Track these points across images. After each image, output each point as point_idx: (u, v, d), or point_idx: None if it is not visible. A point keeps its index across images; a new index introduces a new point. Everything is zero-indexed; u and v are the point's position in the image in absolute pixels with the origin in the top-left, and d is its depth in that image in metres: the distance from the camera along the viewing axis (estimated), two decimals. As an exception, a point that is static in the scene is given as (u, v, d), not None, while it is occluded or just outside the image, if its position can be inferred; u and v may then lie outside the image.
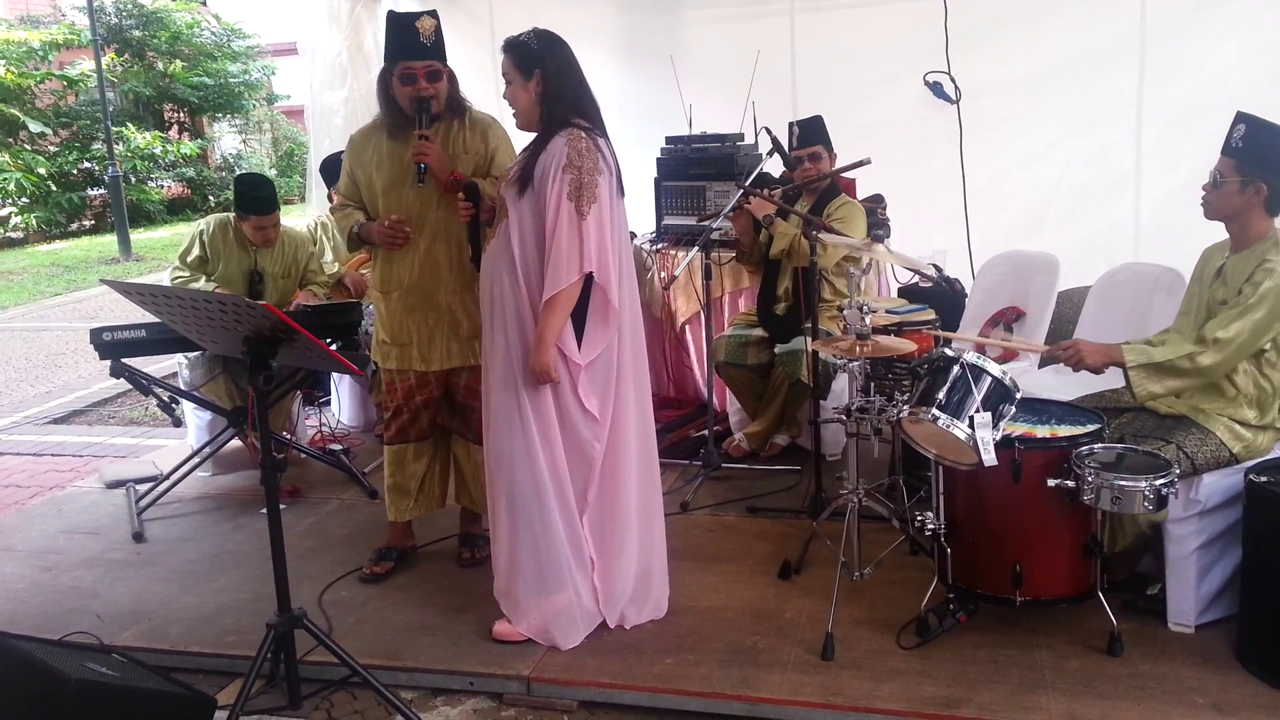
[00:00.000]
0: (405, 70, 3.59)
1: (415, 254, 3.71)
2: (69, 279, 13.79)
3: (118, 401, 7.32)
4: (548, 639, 3.33)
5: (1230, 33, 5.28)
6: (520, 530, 3.29)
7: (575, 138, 3.16)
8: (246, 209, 4.83)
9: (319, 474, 5.10)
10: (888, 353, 3.39)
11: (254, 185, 4.94)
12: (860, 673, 3.11)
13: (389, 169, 3.69)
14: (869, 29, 5.84)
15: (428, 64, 3.60)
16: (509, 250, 3.21)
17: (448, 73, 3.68)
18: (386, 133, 3.72)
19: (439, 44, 3.63)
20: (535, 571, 3.31)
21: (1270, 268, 3.07)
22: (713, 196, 5.39)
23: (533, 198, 3.17)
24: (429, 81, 3.60)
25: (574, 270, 3.12)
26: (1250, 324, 3.07)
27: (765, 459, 4.91)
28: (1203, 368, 3.11)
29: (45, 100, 18.45)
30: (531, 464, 3.24)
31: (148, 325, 4.40)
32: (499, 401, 3.28)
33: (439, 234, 3.69)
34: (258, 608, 3.65)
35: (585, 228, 3.12)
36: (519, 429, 3.23)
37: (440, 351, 3.77)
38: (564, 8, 6.14)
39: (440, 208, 3.66)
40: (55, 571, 4.18)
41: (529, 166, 3.19)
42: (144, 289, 2.94)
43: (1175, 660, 3.10)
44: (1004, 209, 5.82)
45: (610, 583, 3.39)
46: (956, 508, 3.26)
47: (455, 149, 3.68)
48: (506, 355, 3.24)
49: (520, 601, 3.35)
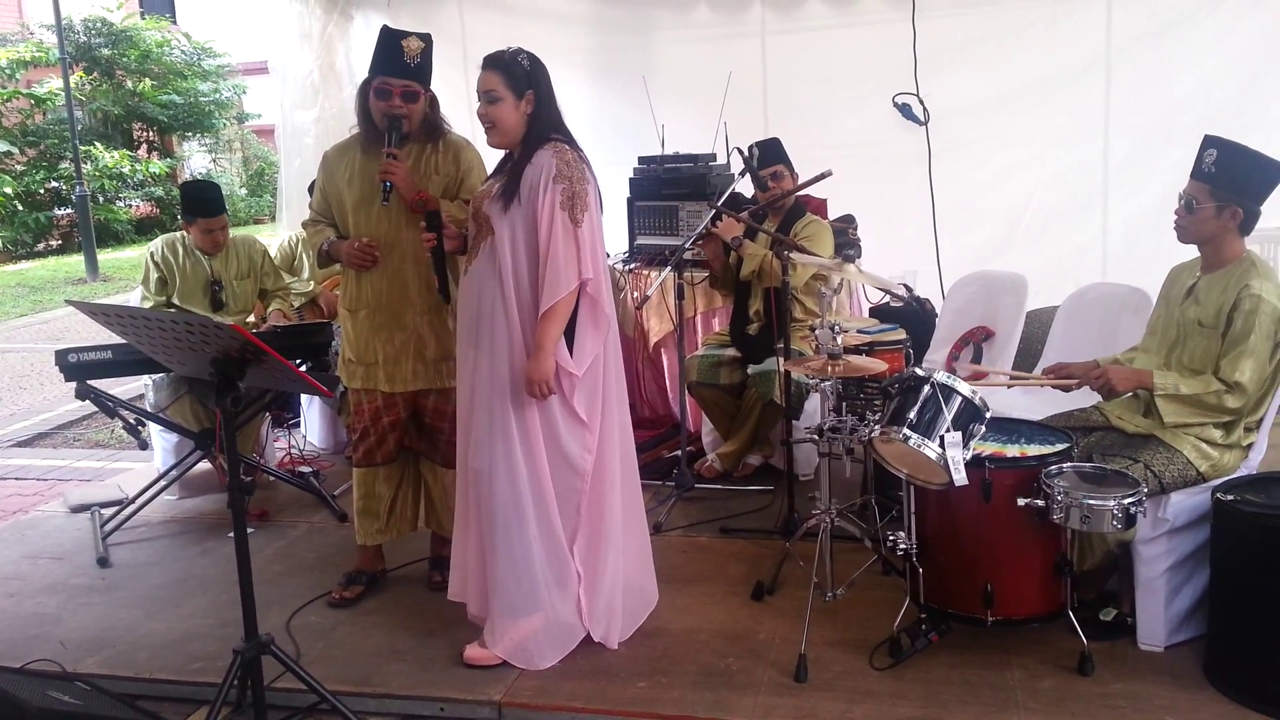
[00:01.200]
0: (383, 85, 3.60)
1: (383, 273, 3.70)
2: (35, 299, 13.63)
3: (83, 424, 7.23)
4: (525, 660, 3.31)
5: (1196, 54, 5.38)
6: (499, 549, 3.27)
7: (561, 150, 3.21)
8: (194, 212, 4.87)
9: (288, 497, 5.05)
10: (859, 372, 3.40)
11: (200, 189, 5.02)
12: (834, 694, 3.10)
13: (359, 186, 3.68)
14: (839, 51, 5.91)
15: (405, 83, 3.59)
16: (495, 266, 3.21)
17: (428, 96, 3.68)
18: (360, 149, 3.72)
19: (423, 66, 3.63)
20: (514, 591, 3.29)
21: (1256, 294, 3.11)
22: (685, 216, 5.41)
23: (521, 211, 3.18)
24: (404, 101, 3.60)
25: (572, 278, 3.15)
26: (1261, 362, 3.13)
27: (738, 479, 4.91)
28: (1228, 408, 3.17)
29: (12, 119, 18.26)
30: (513, 481, 3.22)
31: (114, 346, 4.35)
32: (480, 419, 3.26)
33: (407, 255, 3.67)
34: (225, 633, 3.60)
35: (580, 236, 3.16)
36: (500, 446, 3.22)
37: (405, 372, 3.74)
38: (538, 27, 6.19)
39: (409, 228, 3.64)
40: (18, 597, 4.11)
41: (513, 181, 3.19)
42: (110, 310, 2.90)
43: (1145, 679, 3.11)
44: (973, 229, 5.88)
45: (596, 597, 3.38)
46: (928, 527, 3.26)
47: (426, 170, 3.68)
48: (491, 371, 3.23)
49: (496, 623, 3.32)
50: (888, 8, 5.75)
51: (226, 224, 4.98)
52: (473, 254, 3.29)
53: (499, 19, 6.30)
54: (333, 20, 6.37)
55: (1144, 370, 3.27)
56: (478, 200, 3.30)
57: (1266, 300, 3.10)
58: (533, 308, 3.20)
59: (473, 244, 3.30)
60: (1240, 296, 3.13)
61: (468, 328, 3.32)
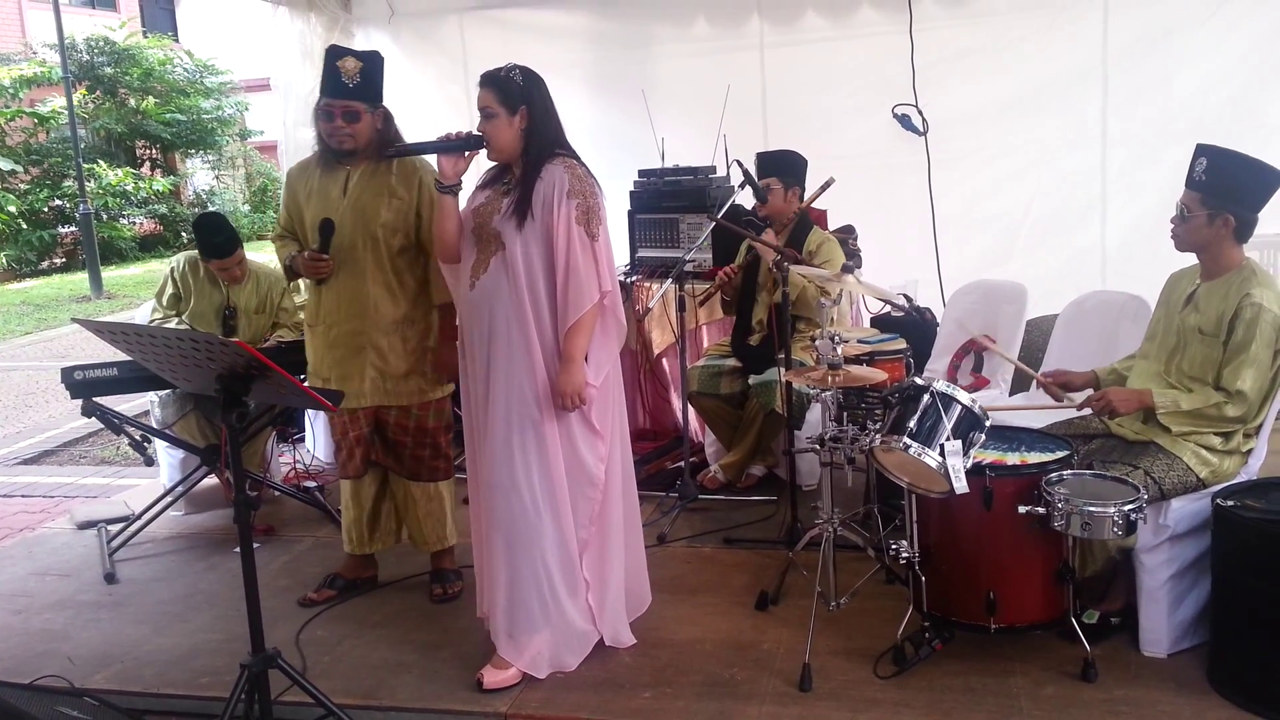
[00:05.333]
0: (325, 107, 3.67)
1: (339, 290, 3.75)
2: (39, 317, 13.67)
3: (89, 441, 7.25)
4: (551, 667, 3.33)
5: (1193, 60, 5.40)
6: (520, 565, 3.29)
7: (571, 165, 3.25)
8: (207, 254, 4.86)
9: (293, 512, 5.06)
10: (859, 382, 3.41)
11: (210, 231, 4.87)
12: (838, 703, 3.11)
13: (317, 202, 3.73)
14: (838, 62, 5.94)
15: (345, 104, 3.64)
16: (508, 282, 3.22)
17: (379, 113, 3.72)
18: (319, 166, 3.77)
19: (364, 86, 3.66)
20: (535, 605, 3.31)
21: (1257, 303, 3.13)
22: (686, 229, 5.43)
23: (535, 226, 3.19)
24: (345, 121, 3.65)
25: (594, 292, 3.19)
26: (1263, 370, 3.14)
27: (741, 490, 4.92)
28: (1230, 418, 3.18)
29: (16, 138, 18.33)
30: (533, 495, 3.25)
31: (119, 364, 4.37)
32: (496, 434, 3.26)
33: (360, 273, 3.71)
34: (232, 648, 3.62)
35: (598, 249, 3.21)
36: (519, 460, 3.24)
37: (360, 389, 3.77)
38: (538, 42, 6.22)
39: (365, 248, 3.69)
40: (26, 614, 4.12)
41: (525, 197, 3.21)
42: (115, 327, 2.92)
43: (1149, 685, 3.12)
44: (973, 238, 5.90)
45: (604, 602, 3.42)
46: (930, 536, 3.27)
47: (379, 190, 3.71)
48: (507, 386, 3.24)
49: (519, 639, 3.32)
50: (885, 19, 5.78)
51: (242, 259, 4.95)
52: (478, 270, 3.27)
53: (499, 35, 6.33)
54: (334, 37, 6.38)
55: (1144, 390, 3.29)
56: (482, 216, 3.29)
57: (1267, 309, 3.11)
58: (552, 322, 3.22)
59: (476, 260, 3.29)
60: (1241, 305, 3.14)
61: (478, 344, 3.31)
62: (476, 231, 3.30)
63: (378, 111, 3.72)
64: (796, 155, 4.78)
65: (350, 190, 3.71)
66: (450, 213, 3.34)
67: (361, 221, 3.67)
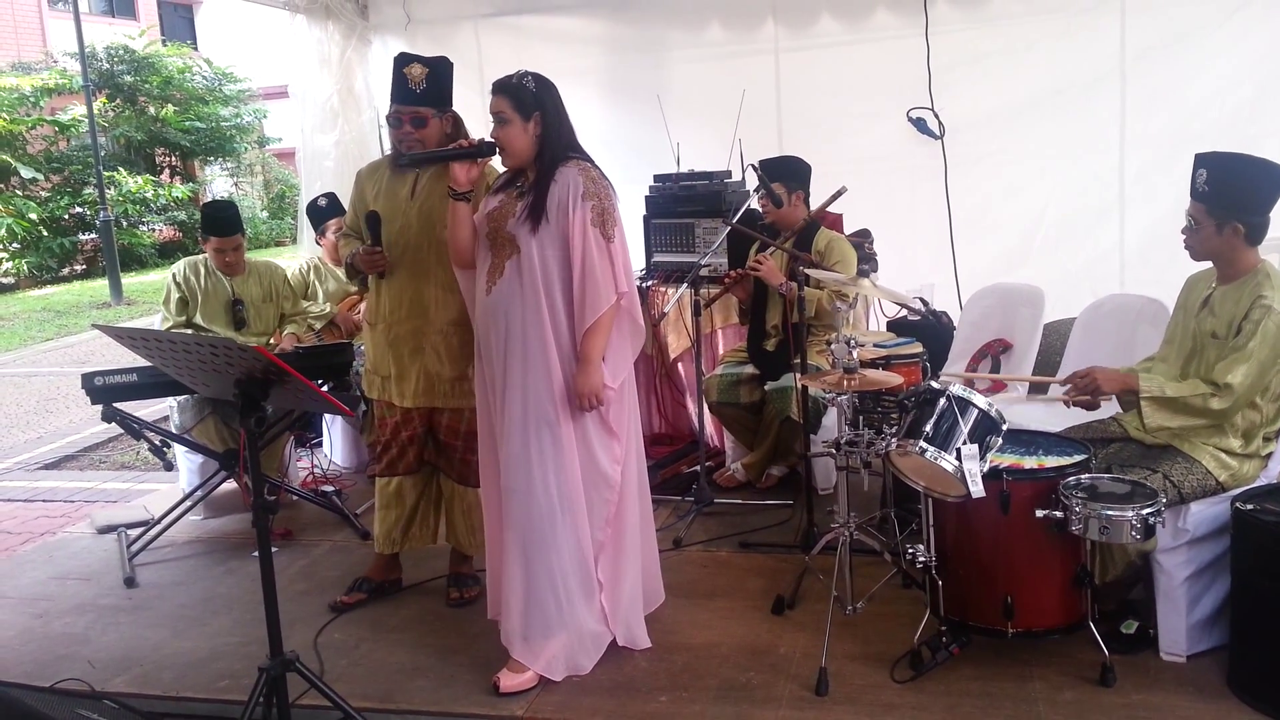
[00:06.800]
0: (395, 113, 3.71)
1: (401, 290, 3.77)
2: (60, 324, 13.77)
3: (109, 446, 7.30)
4: (567, 669, 3.34)
5: (1209, 62, 5.37)
6: (537, 568, 3.30)
7: (586, 168, 3.27)
8: (208, 230, 4.99)
9: (311, 516, 5.09)
10: (875, 386, 3.41)
11: (217, 208, 5.20)
12: (855, 708, 3.11)
13: (385, 202, 3.77)
14: (852, 66, 5.92)
15: (413, 110, 3.68)
16: (524, 286, 3.24)
17: (447, 117, 3.76)
18: (389, 168, 3.82)
19: (431, 91, 3.70)
20: (551, 608, 3.31)
21: (1267, 304, 3.10)
22: (701, 233, 5.44)
23: (550, 229, 3.21)
24: (413, 127, 3.69)
25: (611, 293, 3.21)
26: (1257, 366, 3.10)
27: (761, 490, 4.93)
28: (1214, 410, 3.14)
29: (37, 146, 18.51)
30: (549, 498, 3.26)
31: (139, 369, 4.41)
32: (513, 437, 3.28)
33: (424, 274, 3.73)
34: (250, 651, 3.63)
35: (614, 251, 3.23)
36: (536, 463, 3.25)
37: (414, 389, 3.79)
38: (552, 49, 6.24)
39: (429, 250, 3.70)
40: (46, 618, 4.16)
41: (539, 200, 3.23)
42: (135, 333, 2.95)
43: (1168, 690, 3.10)
44: (990, 241, 5.88)
45: (617, 603, 3.43)
46: (947, 540, 3.26)
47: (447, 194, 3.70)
48: (525, 389, 3.25)
49: (534, 642, 3.33)
50: (900, 23, 5.78)
51: (241, 245, 5.03)
52: (494, 274, 3.29)
53: (514, 41, 6.36)
54: (351, 45, 6.44)
55: (1130, 373, 3.27)
56: (496, 220, 3.31)
57: (1276, 310, 3.09)
58: (569, 324, 3.24)
59: (492, 265, 3.31)
60: (1253, 307, 3.12)
61: (495, 348, 3.32)
62: (491, 236, 3.32)
63: (446, 115, 3.76)
64: (799, 161, 4.78)
65: (418, 193, 3.74)
66: (464, 219, 3.36)
67: (428, 224, 3.69)
